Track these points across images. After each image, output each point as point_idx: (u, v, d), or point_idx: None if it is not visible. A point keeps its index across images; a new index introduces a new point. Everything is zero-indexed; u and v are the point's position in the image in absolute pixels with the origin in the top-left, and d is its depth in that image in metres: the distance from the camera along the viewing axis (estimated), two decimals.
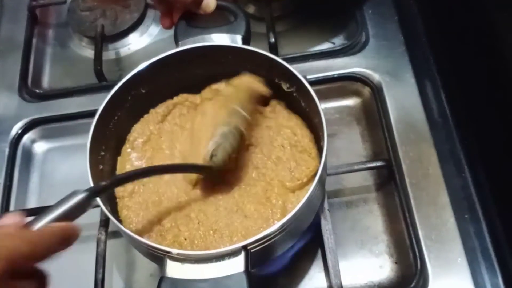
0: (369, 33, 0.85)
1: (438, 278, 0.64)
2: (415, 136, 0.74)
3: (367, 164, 0.73)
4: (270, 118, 0.69)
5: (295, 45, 0.88)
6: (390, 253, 0.70)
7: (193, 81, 0.70)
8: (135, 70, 0.66)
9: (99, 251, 0.69)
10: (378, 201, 0.74)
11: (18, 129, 0.84)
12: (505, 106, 0.70)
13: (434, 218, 0.68)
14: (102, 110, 0.63)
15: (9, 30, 0.96)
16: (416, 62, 0.82)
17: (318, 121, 0.62)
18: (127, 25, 0.95)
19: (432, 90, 0.82)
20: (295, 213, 0.55)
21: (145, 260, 0.65)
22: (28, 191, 0.82)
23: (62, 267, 0.73)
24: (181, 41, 0.69)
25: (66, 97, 0.86)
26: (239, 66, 0.68)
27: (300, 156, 0.65)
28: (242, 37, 0.68)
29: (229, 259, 0.52)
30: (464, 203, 0.72)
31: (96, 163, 0.63)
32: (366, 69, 0.81)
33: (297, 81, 0.64)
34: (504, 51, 0.69)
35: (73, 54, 0.96)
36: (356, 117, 0.82)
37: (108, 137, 0.66)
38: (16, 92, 0.88)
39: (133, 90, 0.67)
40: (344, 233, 0.72)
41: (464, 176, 0.75)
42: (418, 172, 0.71)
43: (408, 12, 0.89)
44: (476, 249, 0.69)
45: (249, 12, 0.94)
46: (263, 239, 0.54)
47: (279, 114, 0.69)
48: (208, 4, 0.69)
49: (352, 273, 0.69)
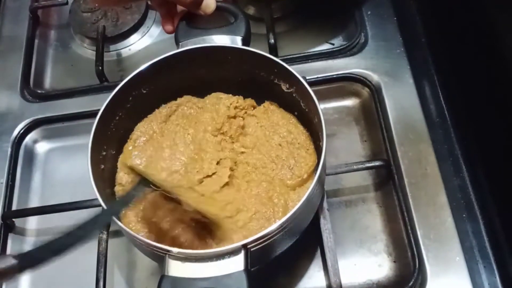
0: (368, 34, 0.85)
1: (436, 277, 0.65)
2: (414, 136, 0.75)
3: (366, 164, 0.73)
4: (263, 118, 0.70)
5: (295, 46, 0.89)
6: (389, 252, 0.71)
7: (193, 82, 0.71)
8: (137, 71, 0.66)
9: (100, 250, 0.69)
10: (377, 200, 0.75)
11: (20, 129, 0.84)
12: (503, 106, 0.71)
13: (433, 218, 0.69)
14: (103, 110, 0.64)
15: (11, 31, 0.97)
16: (415, 63, 0.82)
17: (317, 121, 0.62)
18: (128, 26, 0.95)
19: (430, 91, 0.82)
20: (295, 212, 0.55)
21: (146, 259, 0.65)
22: (30, 191, 0.82)
23: (64, 266, 0.73)
24: (181, 42, 0.69)
25: (67, 97, 0.87)
26: (239, 66, 0.68)
27: (298, 152, 0.66)
28: (242, 38, 0.68)
29: (229, 258, 0.53)
30: (462, 203, 0.73)
31: (97, 162, 0.63)
32: (365, 70, 0.82)
33: (296, 82, 0.65)
34: (503, 51, 0.70)
35: (75, 54, 0.97)
36: (355, 117, 0.82)
37: (109, 137, 0.66)
38: (18, 92, 0.89)
39: (134, 91, 0.68)
40: (343, 232, 0.72)
41: (462, 176, 0.75)
42: (416, 172, 0.72)
43: (407, 13, 0.89)
44: (474, 248, 0.70)
45: (249, 13, 0.94)
46: (263, 238, 0.54)
47: (273, 114, 0.70)
48: (208, 5, 0.69)
49: (351, 272, 0.69)
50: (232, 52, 0.67)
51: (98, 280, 0.68)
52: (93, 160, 0.61)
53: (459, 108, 0.80)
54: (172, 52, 0.67)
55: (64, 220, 0.74)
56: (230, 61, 0.68)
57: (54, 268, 0.70)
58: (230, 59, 0.68)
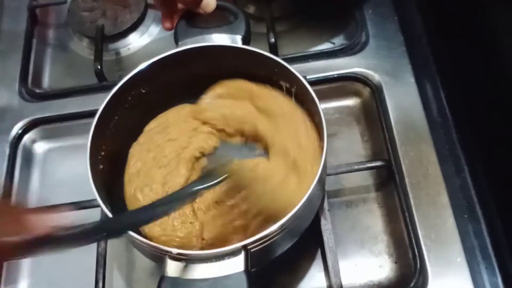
0: (369, 33, 0.85)
1: (438, 278, 0.65)
2: (415, 136, 0.75)
3: (366, 164, 0.73)
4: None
5: (295, 45, 0.88)
6: (390, 253, 0.70)
7: (192, 81, 0.70)
8: (136, 70, 0.66)
9: (99, 250, 0.69)
10: (378, 201, 0.74)
11: (18, 129, 0.84)
12: (504, 106, 0.70)
13: (434, 218, 0.68)
14: (102, 110, 0.63)
15: (9, 30, 0.96)
16: (416, 62, 0.82)
17: (318, 121, 0.62)
18: (127, 25, 0.95)
19: (431, 90, 0.82)
20: (295, 213, 0.55)
21: (145, 260, 0.65)
22: (29, 191, 0.82)
23: (63, 266, 0.73)
24: (181, 41, 0.69)
25: (66, 97, 0.86)
26: (239, 66, 0.68)
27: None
28: (242, 37, 0.68)
29: (229, 259, 0.53)
30: (464, 203, 0.72)
31: (96, 163, 0.63)
32: (366, 69, 0.81)
33: (297, 81, 0.64)
34: (504, 51, 0.70)
35: (73, 54, 0.96)
36: (356, 117, 0.82)
37: (109, 137, 0.66)
38: (16, 92, 0.88)
39: (133, 90, 0.67)
40: (344, 232, 0.72)
41: (464, 176, 0.75)
42: (417, 172, 0.71)
43: (408, 12, 0.89)
44: (475, 248, 0.69)
45: (249, 12, 0.94)
46: (263, 238, 0.54)
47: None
48: (208, 4, 0.69)
49: (351, 272, 0.69)
50: (232, 51, 0.67)
51: (97, 281, 0.67)
52: (92, 161, 0.60)
53: (461, 108, 0.79)
54: (171, 51, 0.67)
55: (63, 220, 0.74)
56: (230, 60, 0.68)
57: (53, 268, 0.70)
58: (230, 59, 0.68)
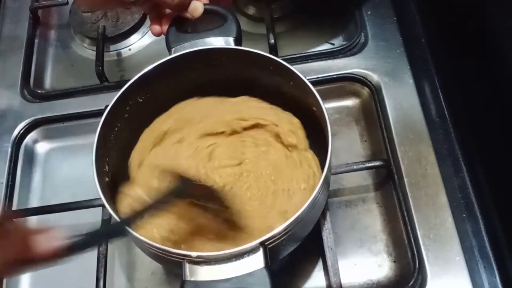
0: (368, 34, 0.85)
1: (436, 277, 0.65)
2: (414, 136, 0.75)
3: (366, 164, 0.73)
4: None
5: (295, 46, 0.89)
6: (389, 252, 0.71)
7: (189, 86, 0.70)
8: (132, 80, 0.65)
9: (100, 250, 0.69)
10: (377, 200, 0.75)
11: (20, 129, 0.84)
12: (503, 106, 0.71)
13: (433, 218, 0.69)
14: (102, 124, 0.62)
15: (11, 31, 0.97)
16: (415, 63, 0.82)
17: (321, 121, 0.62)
18: (129, 26, 0.95)
19: (430, 91, 0.82)
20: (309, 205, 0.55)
21: (146, 259, 0.65)
22: (31, 191, 0.82)
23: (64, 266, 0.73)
24: (173, 48, 0.68)
25: (68, 97, 0.87)
26: (234, 67, 0.68)
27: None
28: (234, 38, 0.67)
29: (248, 257, 0.52)
30: (462, 203, 0.73)
31: (102, 174, 0.62)
32: (365, 70, 0.82)
33: (299, 82, 0.64)
34: (503, 52, 0.70)
35: (75, 54, 0.96)
36: (355, 117, 0.82)
37: (110, 149, 0.65)
38: (18, 92, 0.88)
39: (130, 100, 0.66)
40: (343, 232, 0.72)
41: (462, 176, 0.75)
42: (416, 172, 0.72)
43: (407, 13, 0.89)
44: (474, 248, 0.70)
45: (248, 13, 0.94)
46: (280, 234, 0.54)
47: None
48: (196, 8, 0.68)
49: (351, 272, 0.69)
50: (228, 53, 0.67)
51: (98, 280, 0.68)
52: (97, 160, 0.60)
53: (459, 108, 0.80)
54: (167, 58, 0.66)
55: (64, 220, 0.74)
56: (225, 62, 0.67)
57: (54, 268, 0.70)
58: (225, 60, 0.67)
